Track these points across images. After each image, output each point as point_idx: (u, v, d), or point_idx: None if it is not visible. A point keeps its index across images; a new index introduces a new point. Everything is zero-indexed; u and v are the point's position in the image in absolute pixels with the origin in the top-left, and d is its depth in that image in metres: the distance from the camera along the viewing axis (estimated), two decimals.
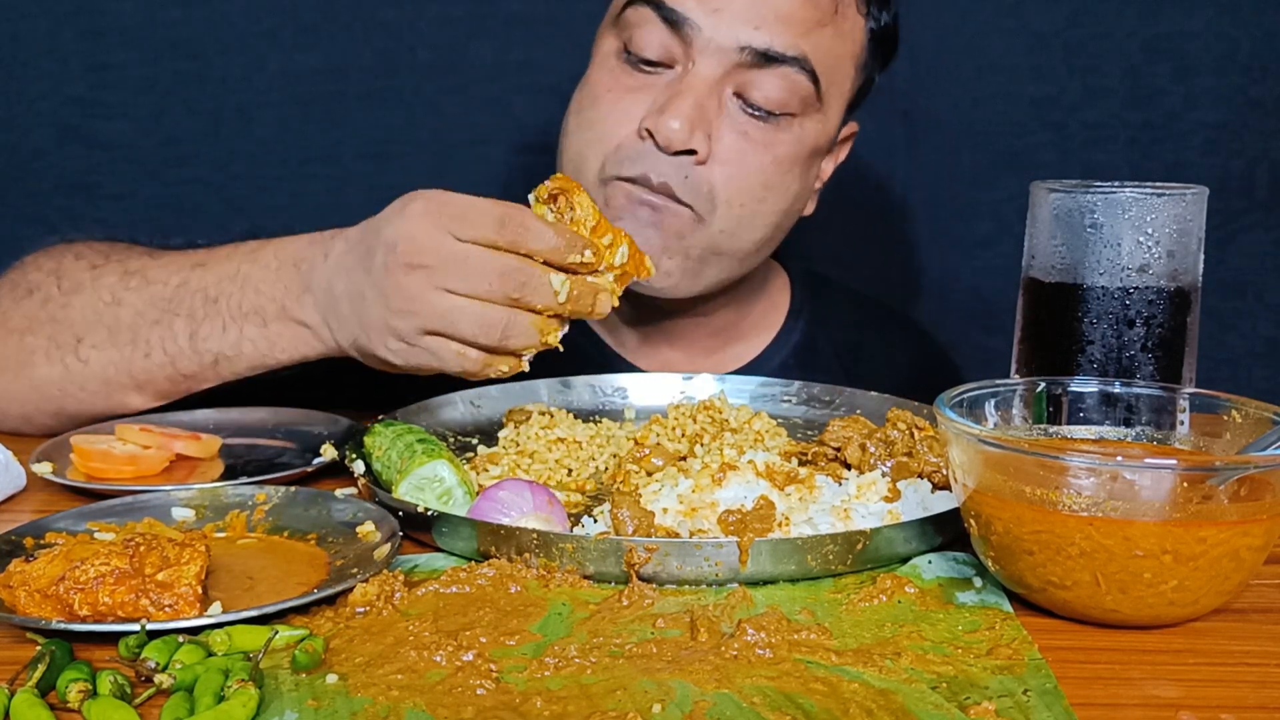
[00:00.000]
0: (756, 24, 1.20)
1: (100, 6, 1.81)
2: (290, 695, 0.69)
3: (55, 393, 1.17)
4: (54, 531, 0.90)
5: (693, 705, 0.68)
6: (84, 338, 1.16)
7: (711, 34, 1.20)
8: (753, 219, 1.26)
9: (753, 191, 1.25)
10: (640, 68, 1.25)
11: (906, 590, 0.83)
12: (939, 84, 1.86)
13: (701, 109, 1.21)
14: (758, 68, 1.21)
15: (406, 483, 0.95)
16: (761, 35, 1.20)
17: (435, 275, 0.99)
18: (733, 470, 0.93)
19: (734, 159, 1.23)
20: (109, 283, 1.16)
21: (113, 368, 1.15)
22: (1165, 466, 0.80)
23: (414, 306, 1.00)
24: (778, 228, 1.31)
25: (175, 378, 1.15)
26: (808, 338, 1.47)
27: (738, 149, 1.23)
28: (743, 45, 1.20)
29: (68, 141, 1.84)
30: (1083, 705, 0.69)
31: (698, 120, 1.20)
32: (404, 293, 1.00)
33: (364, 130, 1.85)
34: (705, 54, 1.21)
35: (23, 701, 0.66)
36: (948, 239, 1.92)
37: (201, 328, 1.12)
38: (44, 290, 1.19)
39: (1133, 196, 1.01)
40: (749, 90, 1.22)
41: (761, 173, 1.24)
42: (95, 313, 1.16)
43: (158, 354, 1.14)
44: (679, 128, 1.19)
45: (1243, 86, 1.85)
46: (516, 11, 1.83)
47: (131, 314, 1.14)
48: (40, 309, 1.18)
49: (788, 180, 1.27)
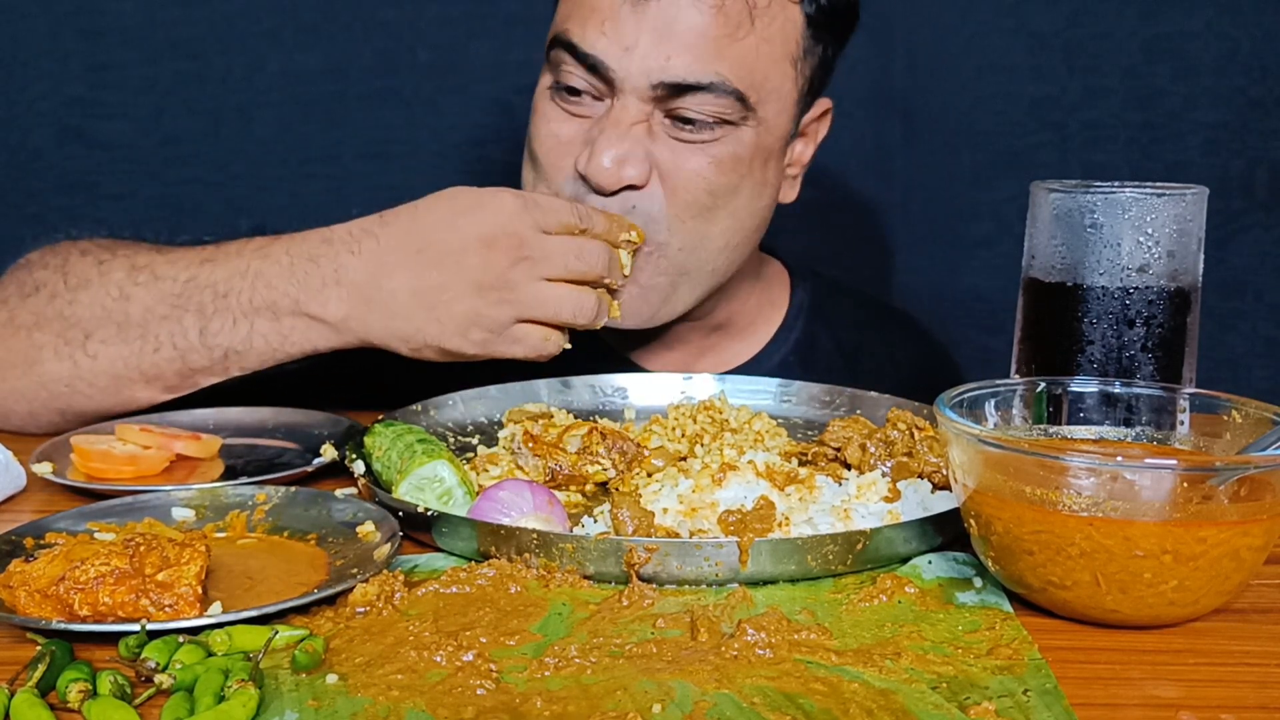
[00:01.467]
0: (668, 54, 1.18)
1: (100, 6, 1.81)
2: (290, 695, 0.69)
3: (63, 389, 1.17)
4: (54, 531, 0.90)
5: (693, 705, 0.68)
6: (93, 333, 1.15)
7: (625, 74, 1.18)
8: (707, 228, 1.25)
9: (699, 201, 1.23)
10: (571, 99, 1.24)
11: (906, 590, 0.83)
12: (939, 84, 1.86)
13: (630, 140, 1.20)
14: (677, 96, 1.19)
15: (406, 483, 0.95)
16: (674, 66, 1.18)
17: (538, 266, 1.09)
18: (733, 470, 0.93)
19: (672, 172, 1.21)
20: (117, 278, 1.16)
21: (121, 363, 1.15)
22: (1165, 466, 0.80)
23: (516, 296, 1.09)
24: (738, 229, 1.28)
25: (185, 372, 1.15)
26: (808, 335, 1.46)
27: (673, 161, 1.21)
28: (655, 82, 1.18)
29: (68, 141, 1.84)
30: (1083, 705, 0.69)
31: (627, 152, 1.19)
32: (509, 285, 1.08)
33: (364, 130, 1.85)
34: (624, 91, 1.19)
35: (23, 701, 0.66)
36: (948, 239, 1.92)
37: (211, 323, 1.13)
38: (50, 286, 1.19)
39: (1133, 196, 1.00)
40: (677, 111, 1.20)
41: (703, 179, 1.22)
42: (104, 308, 1.16)
43: (167, 349, 1.14)
44: (609, 166, 1.18)
45: (1243, 86, 1.85)
46: (516, 11, 1.83)
47: (140, 309, 1.14)
48: (47, 305, 1.18)
49: (734, 180, 1.24)
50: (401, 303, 1.09)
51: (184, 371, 1.15)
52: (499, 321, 1.09)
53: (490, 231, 1.08)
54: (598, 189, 1.20)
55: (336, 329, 1.12)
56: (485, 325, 1.09)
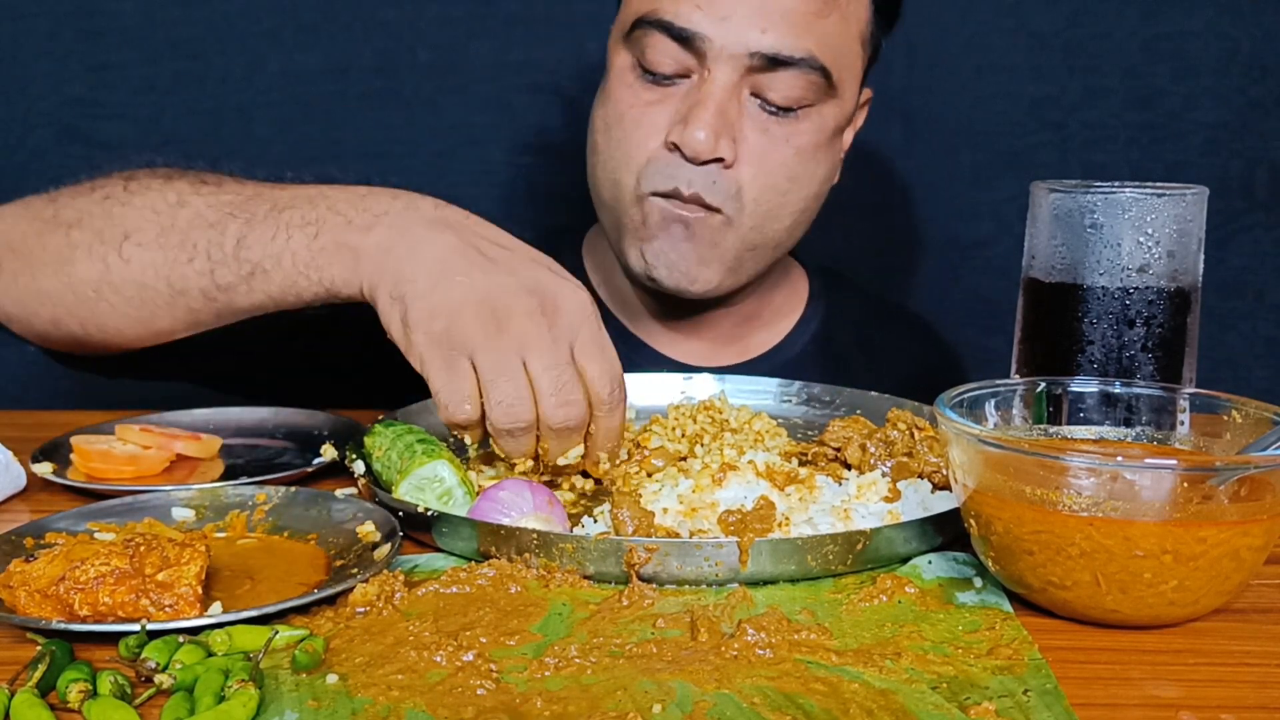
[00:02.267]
0: (763, 27, 1.22)
1: (100, 6, 1.81)
2: (290, 695, 0.69)
3: (90, 294, 1.14)
4: (54, 531, 0.90)
5: (693, 705, 0.68)
6: (131, 235, 1.12)
7: (723, 43, 1.22)
8: (779, 210, 1.30)
9: (777, 186, 1.28)
10: (658, 82, 1.27)
11: (906, 590, 0.83)
12: (939, 84, 1.87)
13: (723, 115, 1.23)
14: (769, 71, 1.23)
15: (406, 483, 0.95)
16: (769, 39, 1.22)
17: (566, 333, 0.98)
18: (733, 470, 0.93)
19: (758, 158, 1.26)
20: (180, 186, 1.14)
21: (152, 270, 1.11)
22: (1165, 466, 0.80)
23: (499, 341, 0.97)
24: (805, 211, 1.34)
25: (210, 291, 1.10)
26: (826, 328, 1.49)
27: (761, 147, 1.26)
28: (753, 50, 1.22)
29: (68, 141, 1.84)
30: (1083, 705, 0.69)
31: (721, 127, 1.23)
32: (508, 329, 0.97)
33: (364, 130, 1.85)
34: (719, 62, 1.23)
35: (23, 701, 0.66)
36: (948, 239, 1.92)
37: (253, 232, 1.08)
38: (107, 189, 1.17)
39: (1133, 196, 1.01)
40: (765, 90, 1.24)
41: (785, 167, 1.27)
42: (154, 211, 1.13)
43: (200, 260, 1.10)
44: (704, 138, 1.22)
45: (1243, 86, 1.85)
46: (516, 11, 1.83)
47: (190, 215, 1.11)
48: (98, 205, 1.15)
49: (811, 167, 1.30)
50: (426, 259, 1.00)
51: (209, 290, 1.10)
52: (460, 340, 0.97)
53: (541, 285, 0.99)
54: (692, 158, 1.23)
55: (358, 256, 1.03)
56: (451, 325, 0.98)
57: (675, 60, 1.25)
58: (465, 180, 1.87)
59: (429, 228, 1.03)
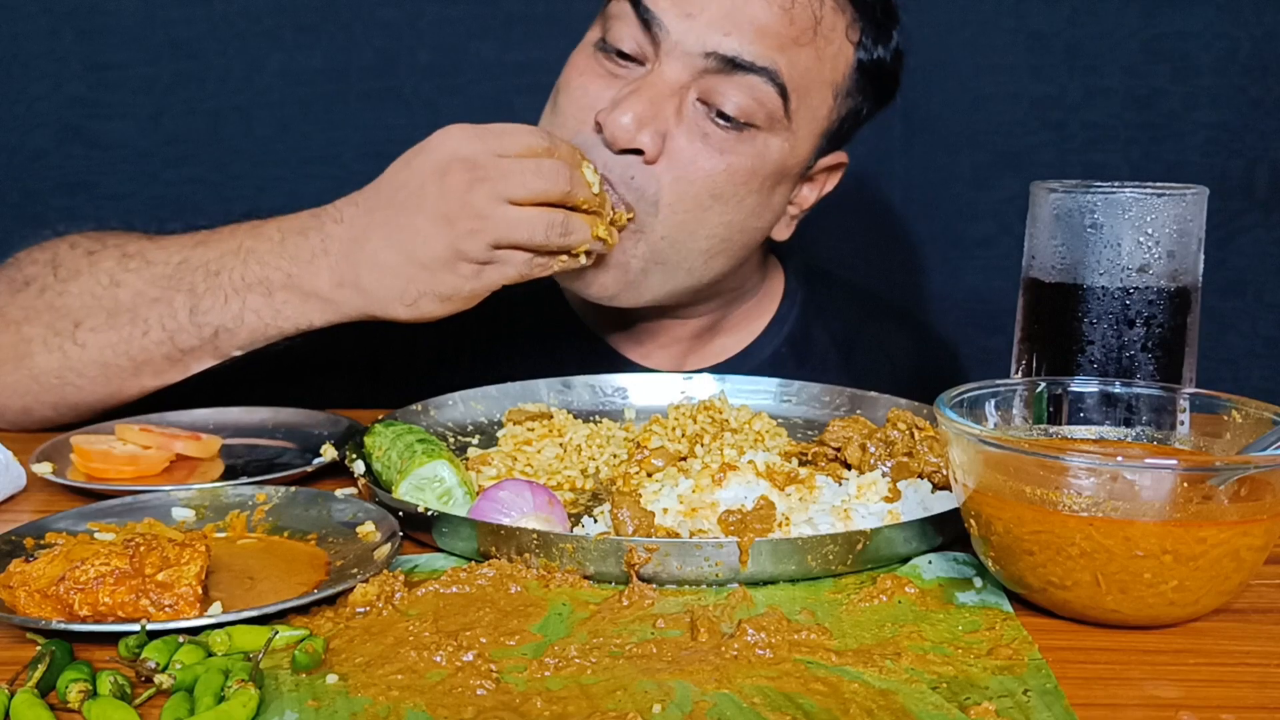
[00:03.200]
0: (727, 30, 1.18)
1: (100, 6, 1.81)
2: (290, 695, 0.69)
3: (54, 381, 1.17)
4: (54, 531, 0.90)
5: (693, 705, 0.68)
6: (82, 322, 1.15)
7: (680, 38, 1.18)
8: (696, 226, 1.22)
9: (698, 198, 1.21)
10: (614, 59, 1.23)
11: (906, 590, 0.83)
12: (939, 84, 1.87)
13: (656, 108, 1.18)
14: (724, 74, 1.18)
15: (406, 483, 0.95)
16: (731, 42, 1.18)
17: (498, 186, 1.06)
18: (733, 470, 0.93)
19: (685, 161, 1.20)
20: (107, 266, 1.16)
21: (110, 350, 1.15)
22: (1165, 466, 0.80)
23: (483, 223, 1.06)
24: (725, 241, 1.25)
25: (174, 355, 1.14)
26: (802, 327, 1.45)
27: (691, 152, 1.20)
28: (709, 51, 1.18)
29: (68, 141, 1.84)
30: (1083, 705, 0.69)
31: (649, 118, 1.18)
32: (472, 209, 1.05)
33: (364, 130, 1.85)
34: (672, 56, 1.19)
35: (23, 701, 0.66)
36: (948, 239, 1.92)
37: (202, 301, 1.12)
38: (40, 280, 1.19)
39: (1133, 196, 1.00)
40: (714, 97, 1.19)
41: (711, 179, 1.21)
42: (94, 296, 1.15)
43: (156, 331, 1.13)
44: (628, 123, 1.17)
45: (1243, 86, 1.85)
46: (516, 11, 1.83)
47: (131, 294, 1.14)
48: (38, 298, 1.18)
49: (740, 192, 1.23)
50: (385, 260, 1.09)
51: (173, 355, 1.14)
52: (475, 251, 1.07)
53: (441, 159, 1.07)
54: (609, 142, 1.18)
55: (330, 301, 1.11)
56: (467, 257, 1.07)
57: (635, 42, 1.21)
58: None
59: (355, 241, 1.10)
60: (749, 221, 1.26)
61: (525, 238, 1.07)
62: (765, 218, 1.29)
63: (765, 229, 1.31)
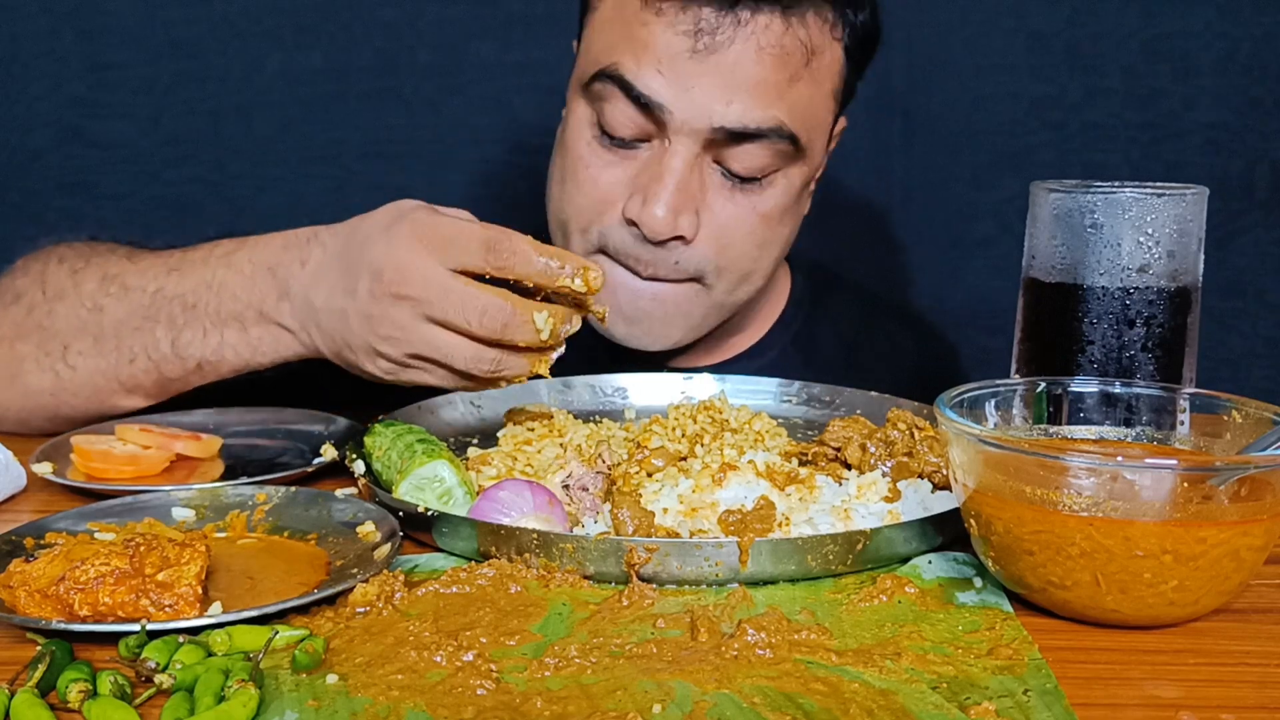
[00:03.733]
0: (728, 99, 1.17)
1: (100, 6, 1.81)
2: (290, 695, 0.69)
3: (48, 399, 1.18)
4: (54, 531, 0.90)
5: (693, 705, 0.68)
6: (70, 345, 1.16)
7: (684, 116, 1.17)
8: (752, 275, 1.28)
9: (748, 254, 1.25)
10: (617, 146, 1.22)
11: (906, 590, 0.83)
12: (938, 84, 1.86)
13: (684, 191, 1.19)
14: (733, 144, 1.19)
15: (406, 483, 0.95)
16: (734, 111, 1.17)
17: (422, 306, 0.97)
18: (733, 470, 0.93)
19: (722, 230, 1.22)
20: (89, 289, 1.16)
21: (100, 374, 1.15)
22: (1165, 466, 0.80)
23: (402, 335, 0.99)
24: (776, 263, 1.33)
25: (162, 381, 1.15)
26: (808, 328, 1.47)
27: (725, 219, 1.22)
28: (716, 125, 1.17)
29: (68, 141, 1.84)
30: (1083, 705, 0.69)
31: (682, 204, 1.19)
32: (390, 321, 0.99)
33: (364, 130, 1.85)
34: (680, 135, 1.18)
35: (23, 701, 0.66)
36: (948, 239, 1.92)
37: (182, 334, 1.12)
38: (29, 297, 1.19)
39: (1133, 196, 1.00)
40: (728, 160, 1.20)
41: (752, 235, 1.24)
42: (79, 320, 1.15)
43: (142, 360, 1.14)
44: (663, 216, 1.18)
45: (1243, 86, 1.85)
46: (516, 11, 1.83)
47: (113, 321, 1.14)
48: (27, 317, 1.18)
49: (780, 230, 1.28)
50: (325, 321, 1.04)
51: (161, 381, 1.15)
52: (393, 355, 1.01)
53: (379, 262, 0.98)
54: (650, 237, 1.19)
55: (298, 338, 1.09)
56: (385, 356, 1.02)
57: (635, 125, 1.20)
58: (465, 180, 1.87)
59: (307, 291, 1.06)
60: (790, 237, 1.32)
61: (444, 359, 1.00)
62: (799, 221, 1.34)
63: (799, 224, 1.35)
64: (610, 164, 1.23)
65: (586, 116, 1.24)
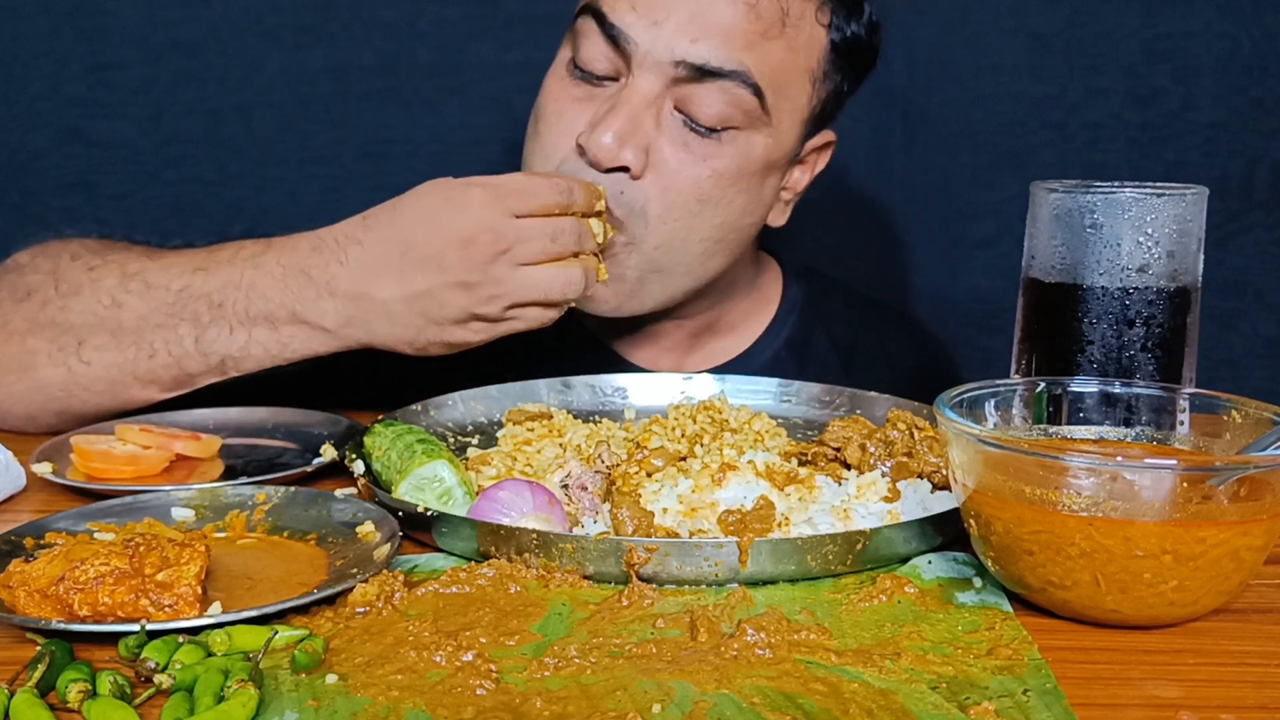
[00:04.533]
0: (694, 37, 1.18)
1: (100, 6, 1.81)
2: (290, 695, 0.69)
3: (59, 394, 1.17)
4: (54, 531, 0.90)
5: (693, 705, 0.68)
6: (86, 340, 1.15)
7: (649, 48, 1.18)
8: (687, 233, 1.24)
9: (687, 206, 1.22)
10: (588, 80, 1.23)
11: (906, 590, 0.83)
12: (939, 84, 1.86)
13: (635, 122, 1.19)
14: (696, 81, 1.19)
15: (406, 483, 0.95)
16: (699, 49, 1.18)
17: (516, 253, 1.08)
18: (733, 470, 0.93)
19: (669, 173, 1.21)
20: (108, 285, 1.16)
21: (117, 369, 1.15)
22: (1165, 466, 0.80)
23: (503, 289, 1.09)
24: (720, 242, 1.27)
25: (181, 377, 1.15)
26: (802, 331, 1.46)
27: (674, 162, 1.21)
28: (679, 59, 1.18)
29: (68, 141, 1.84)
30: (1083, 705, 0.69)
31: (629, 134, 1.19)
32: (493, 280, 1.08)
33: (364, 130, 1.85)
34: (643, 68, 1.19)
35: (23, 701, 0.66)
36: (948, 239, 1.92)
37: (207, 332, 1.13)
38: (42, 292, 1.19)
39: (1133, 196, 1.00)
40: (689, 104, 1.20)
41: (696, 186, 1.22)
42: (96, 316, 1.15)
43: (163, 355, 1.14)
44: (609, 143, 1.18)
45: (1243, 86, 1.85)
46: (516, 11, 1.83)
47: (134, 317, 1.14)
48: (40, 311, 1.18)
49: (729, 194, 1.24)
50: (396, 309, 1.10)
51: (180, 376, 1.15)
52: (492, 313, 1.10)
53: (467, 230, 1.07)
54: (593, 163, 1.20)
55: (336, 335, 1.12)
56: (482, 317, 1.10)
57: (607, 60, 1.21)
58: None
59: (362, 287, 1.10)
60: (741, 219, 1.27)
61: (542, 295, 1.10)
62: (758, 212, 1.30)
63: (759, 221, 1.32)
64: (578, 99, 1.24)
65: (565, 58, 1.26)
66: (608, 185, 1.20)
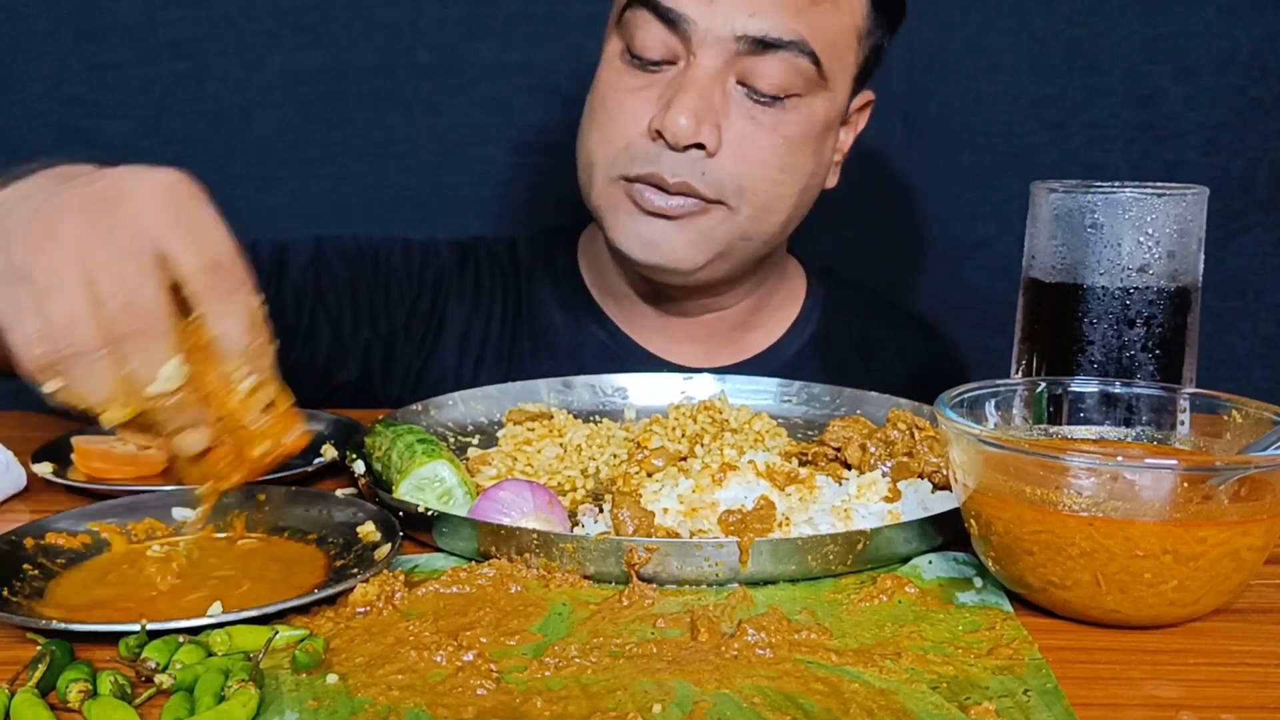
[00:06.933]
0: (751, 11, 1.21)
1: (100, 6, 1.81)
2: (290, 695, 0.69)
3: None
4: (54, 531, 0.90)
5: (693, 705, 0.68)
6: None
7: (708, 26, 1.21)
8: (775, 202, 1.29)
9: (770, 176, 1.27)
10: (645, 68, 1.26)
11: (906, 590, 0.83)
12: (939, 84, 1.87)
13: (706, 101, 1.22)
14: (757, 54, 1.22)
15: (406, 483, 0.95)
16: (757, 22, 1.21)
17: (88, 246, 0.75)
18: (733, 470, 0.93)
19: (745, 146, 1.24)
20: None
21: None
22: (1165, 466, 0.80)
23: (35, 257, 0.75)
24: (798, 206, 1.33)
25: None
26: (824, 329, 1.49)
27: (747, 135, 1.24)
28: (739, 34, 1.21)
29: (68, 141, 1.84)
30: (1083, 705, 0.69)
31: (704, 113, 1.22)
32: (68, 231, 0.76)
33: (364, 130, 1.85)
34: (704, 47, 1.22)
35: (23, 701, 0.66)
36: (948, 239, 1.92)
37: None
38: None
39: (1133, 196, 1.01)
40: (751, 77, 1.23)
41: (775, 156, 1.26)
42: None
43: None
44: (686, 123, 1.21)
45: (1243, 86, 1.85)
46: (516, 11, 1.83)
47: None
48: None
49: (801, 159, 1.29)
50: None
51: None
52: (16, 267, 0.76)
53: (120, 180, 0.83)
54: (673, 143, 1.22)
55: None
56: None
57: (663, 44, 1.24)
58: (465, 180, 1.87)
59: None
60: (812, 181, 1.33)
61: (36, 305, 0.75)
62: (820, 174, 1.35)
63: (822, 180, 1.37)
64: (637, 88, 1.26)
65: (618, 49, 1.29)
66: (687, 168, 1.23)
